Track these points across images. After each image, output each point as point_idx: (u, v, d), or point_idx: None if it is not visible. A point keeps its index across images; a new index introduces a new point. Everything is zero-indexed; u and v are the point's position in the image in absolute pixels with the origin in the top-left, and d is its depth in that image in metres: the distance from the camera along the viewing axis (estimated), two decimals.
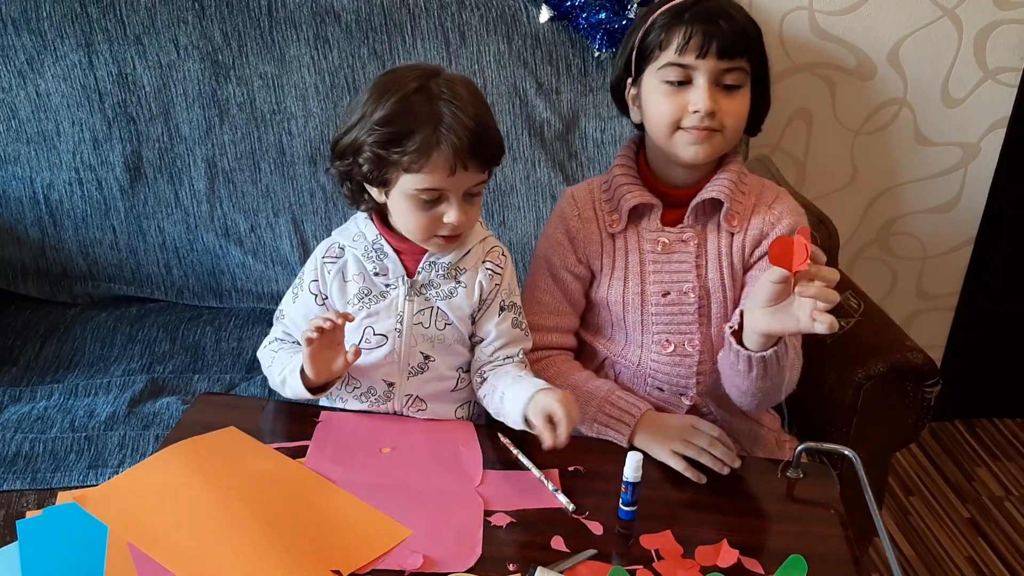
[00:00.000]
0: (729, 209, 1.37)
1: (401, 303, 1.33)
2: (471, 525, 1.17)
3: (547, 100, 1.96)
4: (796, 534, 1.22)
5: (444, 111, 1.20)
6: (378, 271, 1.34)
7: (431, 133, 1.20)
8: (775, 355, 1.22)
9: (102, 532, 1.10)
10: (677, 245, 1.39)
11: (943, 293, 2.55)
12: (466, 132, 1.19)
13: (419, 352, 1.35)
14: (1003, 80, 2.27)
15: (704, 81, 1.29)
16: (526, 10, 1.94)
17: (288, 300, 1.41)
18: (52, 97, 1.85)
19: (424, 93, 1.22)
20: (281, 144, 1.91)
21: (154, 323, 1.87)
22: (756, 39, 1.31)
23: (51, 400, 1.63)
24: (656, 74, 1.32)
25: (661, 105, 1.32)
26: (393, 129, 1.21)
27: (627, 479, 1.18)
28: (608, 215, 1.42)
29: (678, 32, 1.28)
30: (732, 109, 1.31)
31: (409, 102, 1.21)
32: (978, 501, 2.41)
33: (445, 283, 1.34)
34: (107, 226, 1.91)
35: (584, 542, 1.17)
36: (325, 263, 1.35)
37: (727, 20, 1.27)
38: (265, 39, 1.87)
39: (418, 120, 1.20)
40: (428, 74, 1.24)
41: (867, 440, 1.56)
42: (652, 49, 1.32)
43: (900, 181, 2.38)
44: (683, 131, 1.32)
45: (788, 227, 1.39)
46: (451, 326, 1.36)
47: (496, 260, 1.37)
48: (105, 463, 1.49)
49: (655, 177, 1.41)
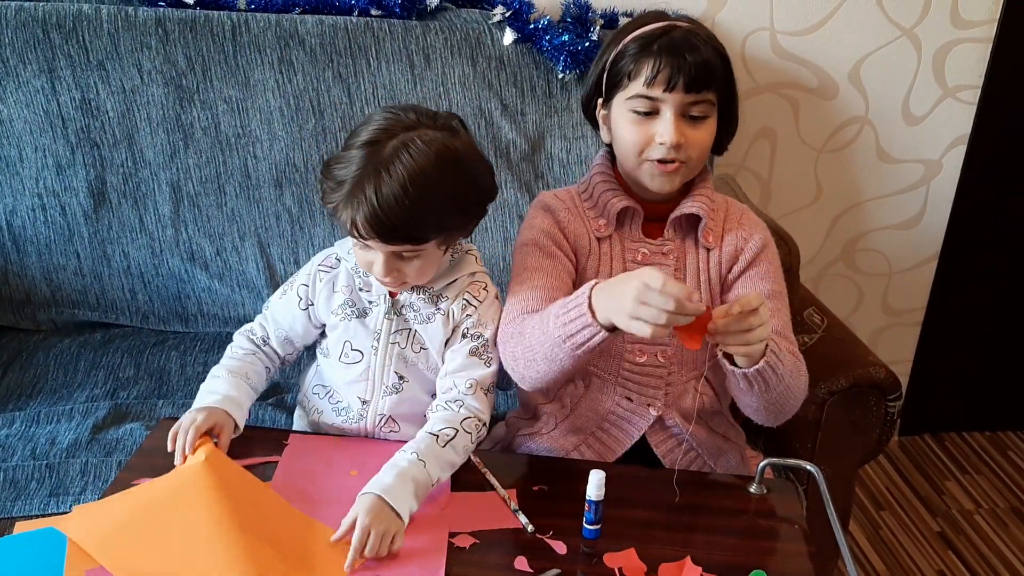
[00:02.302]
0: (706, 225, 1.39)
1: (380, 320, 1.35)
2: (435, 548, 1.17)
3: (512, 121, 1.98)
4: (759, 550, 1.22)
5: (368, 177, 1.18)
6: (363, 287, 1.36)
7: (348, 192, 1.20)
8: (767, 366, 1.23)
9: (59, 561, 1.09)
10: (657, 258, 1.40)
11: (909, 308, 2.58)
12: (368, 208, 1.18)
13: (394, 372, 1.36)
14: (963, 98, 2.31)
15: (671, 114, 1.30)
16: (490, 33, 1.95)
17: (277, 294, 1.43)
18: (15, 123, 1.84)
19: (374, 152, 1.20)
20: (246, 168, 1.91)
21: (118, 349, 1.86)
22: (723, 71, 1.33)
23: (12, 428, 1.61)
24: (625, 103, 1.34)
25: (629, 134, 1.34)
26: (336, 171, 1.22)
27: (590, 497, 1.19)
28: (594, 220, 1.41)
29: (647, 64, 1.30)
30: (697, 139, 1.33)
31: (357, 153, 1.21)
32: (948, 515, 2.42)
33: (425, 308, 1.34)
34: (71, 252, 1.90)
35: (548, 562, 1.17)
36: (320, 271, 1.38)
37: (694, 53, 1.29)
38: (229, 63, 1.87)
39: (349, 174, 1.20)
40: (409, 127, 1.22)
41: (832, 455, 1.57)
42: (621, 77, 1.34)
43: (864, 198, 2.41)
44: (650, 163, 1.33)
45: (759, 243, 1.41)
46: (426, 351, 1.36)
47: (475, 293, 1.36)
48: (67, 491, 1.47)
49: (631, 188, 1.42)
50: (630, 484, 1.31)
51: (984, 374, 2.70)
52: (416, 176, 1.18)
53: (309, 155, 1.92)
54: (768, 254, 1.42)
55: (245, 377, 1.37)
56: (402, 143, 1.20)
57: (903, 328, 2.61)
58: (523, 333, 1.29)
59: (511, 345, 1.32)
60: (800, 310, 1.79)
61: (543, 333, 1.24)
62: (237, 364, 1.38)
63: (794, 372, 1.32)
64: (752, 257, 1.40)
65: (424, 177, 1.19)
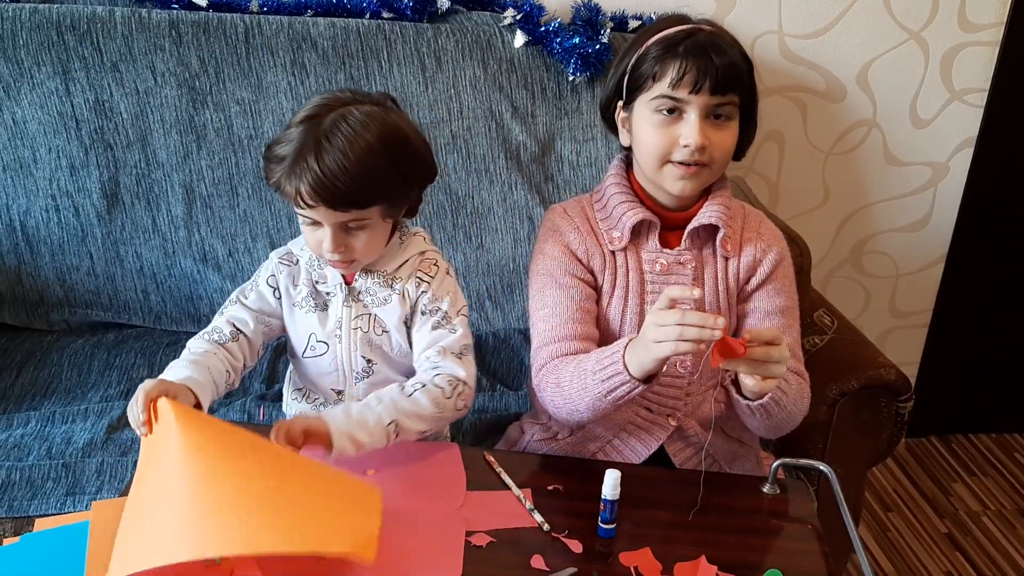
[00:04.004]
0: (724, 235, 1.39)
1: (339, 309, 1.37)
2: (452, 545, 1.18)
3: (523, 123, 1.99)
4: (773, 550, 1.23)
5: (309, 148, 1.21)
6: (319, 279, 1.38)
7: (289, 164, 1.22)
8: (772, 401, 1.28)
9: (80, 558, 1.10)
10: (675, 267, 1.40)
11: (916, 311, 2.59)
12: (311, 175, 1.20)
13: (361, 357, 1.39)
14: (970, 100, 2.32)
15: (695, 116, 1.30)
16: (501, 35, 1.96)
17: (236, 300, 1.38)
18: (29, 124, 1.85)
19: (312, 126, 1.23)
20: (258, 169, 1.91)
21: (132, 349, 1.87)
22: (747, 73, 1.34)
23: (27, 428, 1.62)
24: (648, 104, 1.34)
25: (652, 137, 1.34)
26: (276, 149, 1.25)
27: (605, 497, 1.19)
28: (607, 232, 1.41)
29: (672, 66, 1.30)
30: (721, 142, 1.33)
31: (295, 130, 1.24)
32: (955, 516, 2.43)
33: (381, 291, 1.37)
34: (84, 253, 1.91)
35: (564, 561, 1.17)
36: (280, 264, 1.39)
37: (720, 55, 1.29)
38: (242, 65, 1.89)
39: (289, 149, 1.23)
40: (343, 104, 1.26)
41: (843, 456, 1.58)
42: (645, 79, 1.33)
43: (871, 201, 2.42)
44: (672, 165, 1.33)
45: (776, 257, 1.42)
46: (388, 333, 1.39)
47: (426, 270, 1.38)
48: (83, 490, 1.48)
49: (647, 196, 1.42)
50: (643, 484, 1.32)
51: (990, 377, 2.71)
52: (354, 141, 1.22)
53: None
54: (784, 267, 1.44)
55: (206, 368, 1.29)
56: (340, 115, 1.24)
57: (910, 330, 2.61)
58: (560, 384, 1.34)
59: (549, 393, 1.36)
60: (810, 311, 1.80)
61: (583, 389, 1.29)
62: (196, 357, 1.31)
63: (797, 399, 1.34)
64: (770, 271, 1.42)
65: (362, 141, 1.22)
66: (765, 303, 1.42)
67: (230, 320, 1.37)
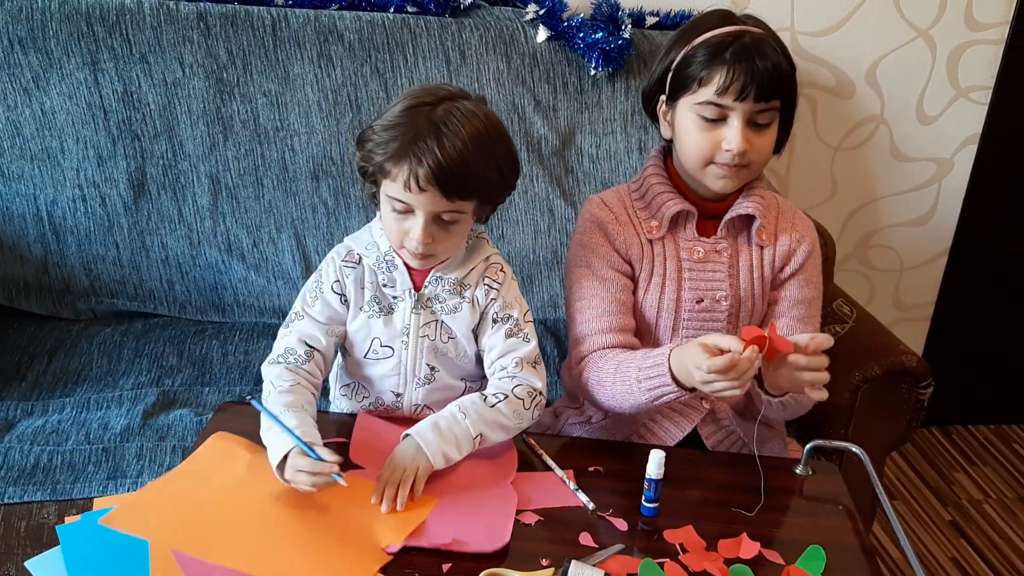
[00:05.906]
0: (760, 224, 1.43)
1: (407, 315, 1.36)
2: (504, 514, 1.22)
3: (544, 117, 2.02)
4: (810, 527, 1.27)
5: (427, 133, 1.22)
6: (386, 283, 1.36)
7: (405, 146, 1.23)
8: (791, 398, 1.36)
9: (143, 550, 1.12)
10: (712, 255, 1.44)
11: (919, 304, 2.64)
12: (432, 158, 1.21)
13: (425, 364, 1.38)
14: (975, 98, 2.38)
15: (738, 122, 1.34)
16: (524, 30, 2.00)
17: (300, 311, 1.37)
18: (57, 115, 1.86)
19: (425, 112, 1.24)
20: (284, 160, 1.94)
21: (160, 337, 1.88)
22: (790, 77, 1.37)
23: (63, 414, 1.63)
24: (693, 108, 1.37)
25: (696, 139, 1.37)
26: (384, 133, 1.25)
27: (650, 476, 1.23)
28: (646, 221, 1.45)
29: (719, 72, 1.32)
30: (761, 146, 1.37)
31: (408, 115, 1.25)
32: (958, 504, 2.48)
33: (451, 298, 1.36)
34: (110, 242, 1.93)
35: (610, 538, 1.21)
36: (344, 267, 1.36)
37: (765, 60, 1.32)
38: (269, 57, 1.91)
39: (403, 132, 1.24)
40: (449, 97, 1.27)
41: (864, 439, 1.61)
42: (691, 82, 1.36)
43: (877, 195, 2.47)
44: (714, 165, 1.38)
45: (808, 248, 1.47)
46: (454, 340, 1.38)
47: (494, 276, 1.38)
48: (124, 473, 1.50)
49: (686, 187, 1.45)
50: (680, 465, 1.35)
51: (990, 369, 2.77)
52: (473, 133, 1.24)
53: (346, 149, 1.95)
54: (814, 259, 1.49)
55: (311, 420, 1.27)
56: (453, 105, 1.26)
57: (913, 323, 2.67)
58: (602, 383, 1.39)
59: (591, 387, 1.41)
60: (829, 301, 1.84)
61: (627, 393, 1.36)
62: (291, 398, 1.28)
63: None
64: (802, 262, 1.47)
65: (479, 131, 1.25)
66: (794, 292, 1.46)
67: (302, 339, 1.35)
